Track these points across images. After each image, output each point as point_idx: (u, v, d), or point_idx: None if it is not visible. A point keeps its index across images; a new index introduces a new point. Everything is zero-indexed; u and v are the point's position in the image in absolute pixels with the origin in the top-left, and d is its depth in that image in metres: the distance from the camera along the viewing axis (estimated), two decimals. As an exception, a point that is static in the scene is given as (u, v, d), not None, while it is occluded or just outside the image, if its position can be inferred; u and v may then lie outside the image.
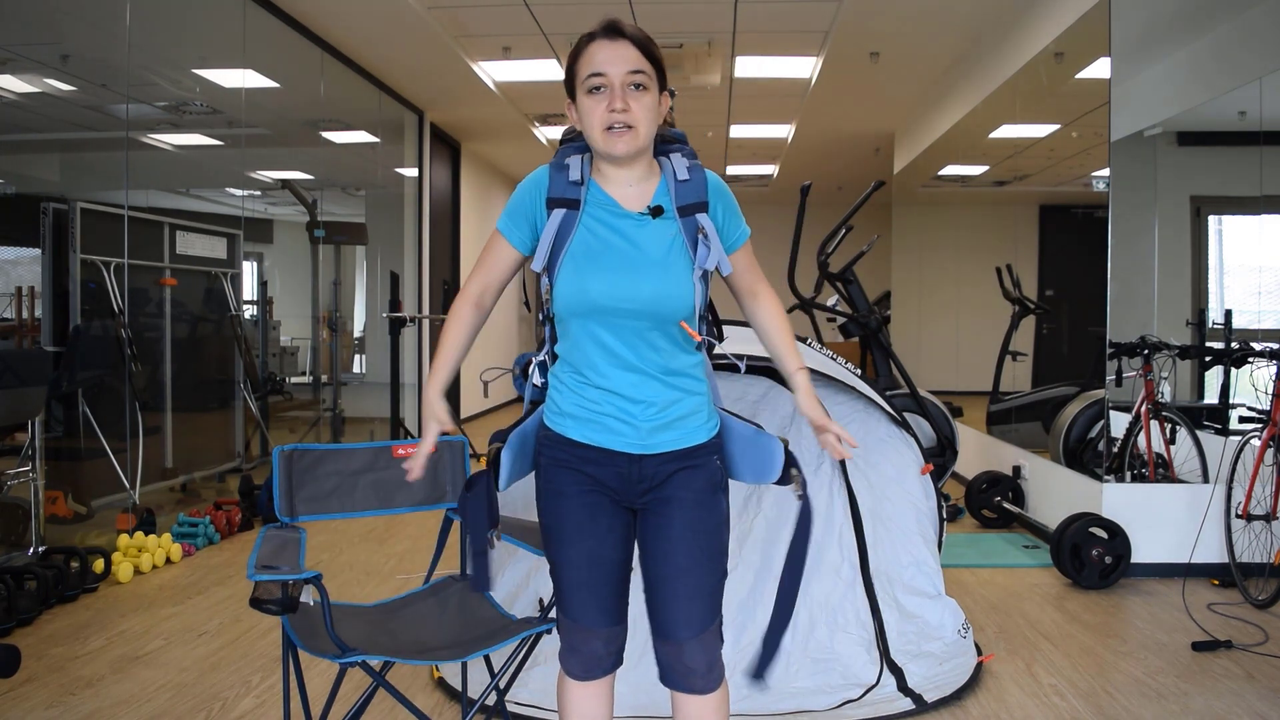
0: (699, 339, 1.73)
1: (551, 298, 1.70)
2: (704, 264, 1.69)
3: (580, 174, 1.71)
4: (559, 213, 1.69)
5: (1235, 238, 5.11)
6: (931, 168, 7.70)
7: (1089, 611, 3.73)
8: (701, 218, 1.71)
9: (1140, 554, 4.10)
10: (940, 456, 5.01)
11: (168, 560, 4.35)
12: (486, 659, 2.08)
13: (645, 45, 1.68)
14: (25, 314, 4.71)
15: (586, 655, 1.77)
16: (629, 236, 1.69)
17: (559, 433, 1.75)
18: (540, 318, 1.77)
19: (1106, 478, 4.34)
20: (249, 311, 6.60)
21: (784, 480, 1.72)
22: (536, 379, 1.81)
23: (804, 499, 1.71)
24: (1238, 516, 3.85)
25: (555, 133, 9.27)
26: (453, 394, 9.22)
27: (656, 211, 1.69)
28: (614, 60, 1.66)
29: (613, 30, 1.67)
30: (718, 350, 1.86)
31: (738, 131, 9.25)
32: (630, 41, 1.67)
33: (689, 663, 1.73)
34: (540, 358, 1.81)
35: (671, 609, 1.72)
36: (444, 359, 1.76)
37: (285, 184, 7.15)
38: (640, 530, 1.77)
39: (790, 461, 1.71)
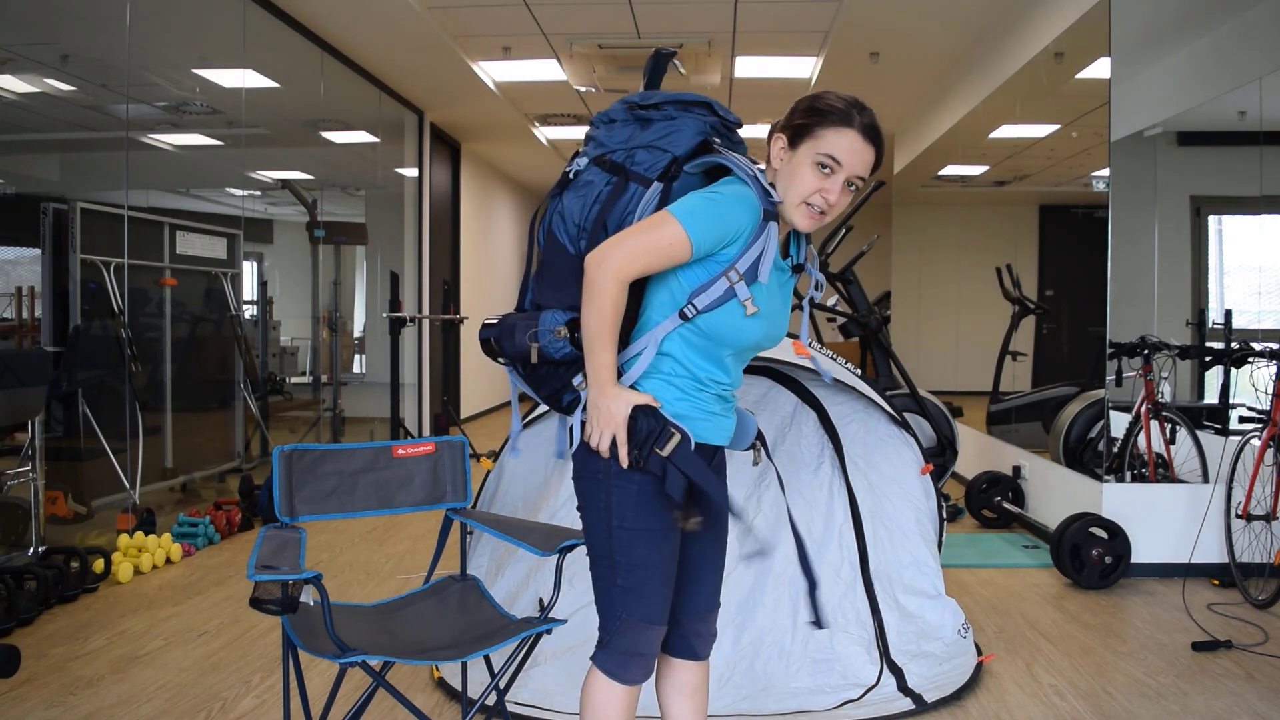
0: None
1: (703, 311, 1.67)
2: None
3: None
4: (772, 226, 1.69)
5: (1235, 238, 5.11)
6: (931, 168, 7.70)
7: (1089, 611, 3.73)
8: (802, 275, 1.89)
9: (1140, 554, 4.11)
10: (940, 456, 5.02)
11: (168, 560, 4.36)
12: (486, 659, 2.08)
13: (881, 153, 1.73)
14: (25, 314, 4.71)
15: (651, 657, 1.79)
16: (782, 283, 1.80)
17: None
18: (690, 313, 1.68)
19: (1106, 478, 4.34)
20: (249, 311, 6.60)
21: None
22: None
23: (763, 463, 1.94)
24: (1238, 516, 3.86)
25: (555, 133, 9.26)
26: (452, 394, 9.22)
27: (798, 269, 1.85)
28: (855, 157, 1.69)
29: (871, 131, 1.71)
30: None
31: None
32: (875, 149, 1.72)
33: (711, 629, 1.91)
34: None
35: (712, 582, 1.89)
36: (612, 349, 1.63)
37: (285, 184, 7.15)
38: None
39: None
